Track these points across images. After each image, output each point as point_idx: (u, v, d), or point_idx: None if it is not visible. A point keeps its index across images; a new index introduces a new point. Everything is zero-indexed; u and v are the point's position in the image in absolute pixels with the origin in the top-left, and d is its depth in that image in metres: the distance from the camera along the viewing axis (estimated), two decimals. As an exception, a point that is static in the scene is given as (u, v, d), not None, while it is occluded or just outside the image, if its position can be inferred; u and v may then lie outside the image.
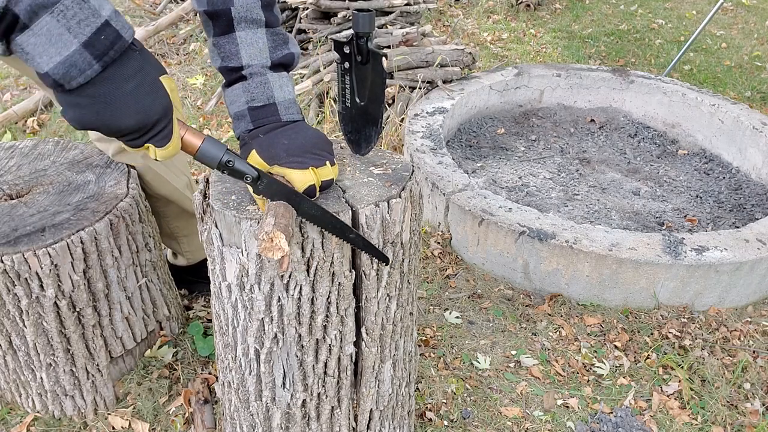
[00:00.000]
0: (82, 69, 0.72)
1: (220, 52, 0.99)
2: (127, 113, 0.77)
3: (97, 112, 0.76)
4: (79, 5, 0.70)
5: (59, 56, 0.71)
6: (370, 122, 1.11)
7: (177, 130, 0.84)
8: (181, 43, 4.24)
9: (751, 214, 2.56)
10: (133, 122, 0.78)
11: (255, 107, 1.01)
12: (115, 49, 0.74)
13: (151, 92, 0.79)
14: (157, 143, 0.82)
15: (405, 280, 1.14)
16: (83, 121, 0.77)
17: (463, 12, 5.32)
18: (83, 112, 0.76)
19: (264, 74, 1.00)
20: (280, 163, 0.95)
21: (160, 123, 0.80)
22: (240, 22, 0.97)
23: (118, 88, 0.76)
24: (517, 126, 3.26)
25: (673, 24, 5.26)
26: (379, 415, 1.26)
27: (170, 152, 0.84)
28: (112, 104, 0.76)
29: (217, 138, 3.08)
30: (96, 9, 0.72)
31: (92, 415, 1.57)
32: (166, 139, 0.82)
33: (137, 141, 0.81)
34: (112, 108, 0.76)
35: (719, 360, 1.87)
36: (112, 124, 0.77)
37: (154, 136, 0.81)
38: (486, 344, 1.91)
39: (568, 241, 2.01)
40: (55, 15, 0.69)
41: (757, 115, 2.93)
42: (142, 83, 0.77)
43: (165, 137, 0.82)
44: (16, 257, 1.29)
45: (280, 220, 0.84)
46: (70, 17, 0.70)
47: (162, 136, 0.82)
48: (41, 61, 0.71)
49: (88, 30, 0.71)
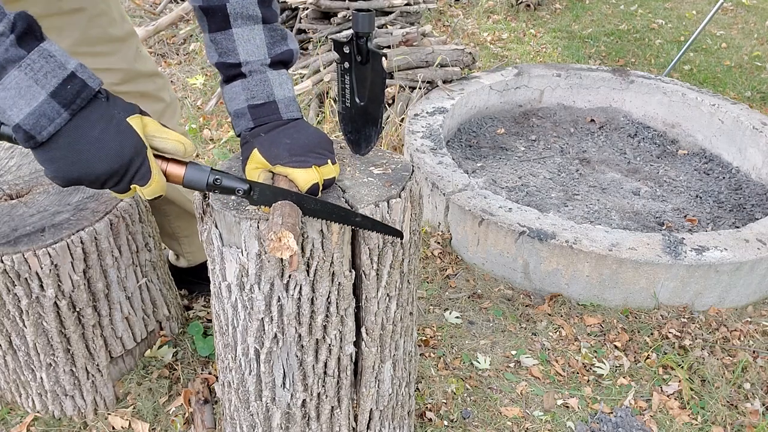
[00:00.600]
0: (51, 118, 0.75)
1: (217, 47, 0.98)
2: (98, 159, 0.78)
3: (71, 163, 0.78)
4: (45, 59, 0.74)
5: (29, 107, 0.74)
6: (370, 122, 1.11)
7: (155, 166, 0.84)
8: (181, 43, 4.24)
9: (751, 214, 2.56)
10: (107, 167, 0.79)
11: (255, 105, 1.00)
12: (82, 97, 0.77)
13: (118, 134, 0.79)
14: (139, 182, 0.83)
15: (405, 280, 1.14)
16: (63, 175, 0.79)
17: (463, 12, 5.32)
18: (59, 165, 0.78)
19: (263, 72, 0.99)
20: (282, 162, 0.95)
21: (134, 163, 0.81)
22: (236, 18, 0.96)
23: (85, 135, 0.77)
24: (517, 126, 3.26)
25: (673, 24, 5.26)
26: (379, 415, 1.26)
27: (156, 188, 0.85)
28: (82, 153, 0.77)
29: (217, 138, 3.08)
30: (62, 62, 0.75)
31: (92, 415, 1.57)
32: (146, 177, 0.83)
33: (120, 186, 0.82)
34: (84, 156, 0.78)
35: (719, 360, 1.87)
36: (88, 172, 0.79)
37: (133, 176, 0.82)
38: (486, 344, 1.91)
39: (568, 241, 2.01)
40: (23, 69, 0.73)
41: (757, 115, 2.93)
42: (108, 128, 0.79)
43: (144, 176, 0.83)
44: (16, 257, 1.29)
45: (287, 220, 0.84)
46: (37, 70, 0.73)
47: (140, 175, 0.82)
48: (12, 113, 0.73)
49: (54, 81, 0.74)
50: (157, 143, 0.85)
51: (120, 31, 1.42)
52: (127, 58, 1.44)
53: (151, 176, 0.83)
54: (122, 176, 0.81)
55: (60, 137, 0.77)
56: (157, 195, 0.86)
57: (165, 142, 0.85)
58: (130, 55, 1.45)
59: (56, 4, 1.28)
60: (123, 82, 1.45)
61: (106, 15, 1.38)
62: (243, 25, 0.97)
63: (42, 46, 0.75)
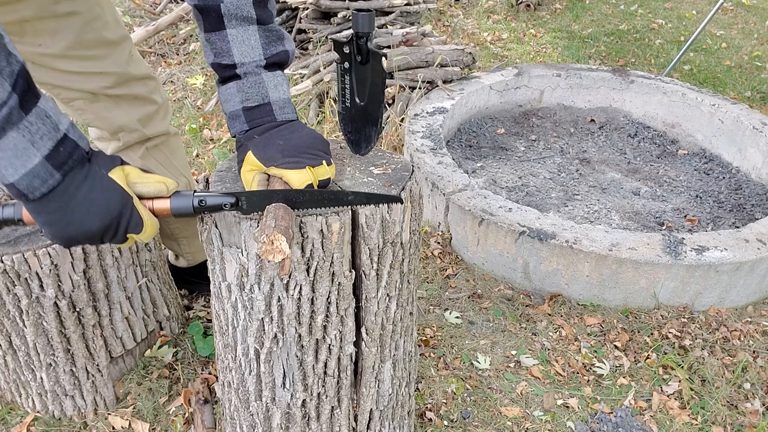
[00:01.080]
0: (44, 179, 0.77)
1: (212, 48, 0.98)
2: (90, 217, 0.81)
3: (67, 224, 0.81)
4: (42, 121, 0.75)
5: (24, 168, 0.75)
6: (370, 122, 1.11)
7: (144, 211, 0.86)
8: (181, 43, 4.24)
9: (751, 214, 2.56)
10: (99, 223, 0.82)
11: (249, 107, 1.00)
12: (74, 159, 0.79)
13: (103, 191, 0.82)
14: (134, 231, 0.85)
15: (405, 280, 1.14)
16: (61, 236, 0.82)
17: (463, 12, 5.32)
18: (56, 228, 0.81)
19: (258, 74, 0.99)
20: (276, 164, 0.95)
21: (123, 215, 0.83)
22: (230, 19, 0.95)
23: (73, 197, 0.80)
24: (517, 126, 3.26)
25: (673, 24, 5.26)
26: (379, 415, 1.26)
27: (150, 232, 0.87)
28: (74, 213, 0.80)
29: (217, 138, 3.08)
30: (56, 123, 0.77)
31: (92, 415, 1.57)
32: (139, 225, 0.85)
33: (117, 237, 0.85)
34: (76, 217, 0.80)
35: (719, 360, 1.87)
36: (83, 230, 0.82)
37: (126, 227, 0.84)
38: (486, 344, 1.91)
39: (568, 241, 2.01)
40: (21, 131, 0.74)
41: (757, 115, 2.93)
42: (93, 186, 0.81)
43: (136, 224, 0.85)
44: (16, 257, 1.29)
45: (280, 222, 0.84)
46: (34, 132, 0.75)
47: (133, 224, 0.85)
48: (7, 173, 0.75)
49: (49, 144, 0.76)
50: (140, 188, 0.87)
51: (114, 35, 1.43)
52: (119, 61, 1.44)
53: (143, 222, 0.86)
54: (116, 229, 0.84)
55: (51, 199, 0.79)
56: (153, 236, 0.89)
57: (147, 187, 0.87)
58: (122, 59, 1.45)
59: (50, 8, 1.28)
60: (116, 86, 1.45)
61: (101, 19, 1.38)
62: (237, 26, 0.96)
63: (39, 105, 0.76)
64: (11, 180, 0.75)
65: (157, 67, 3.95)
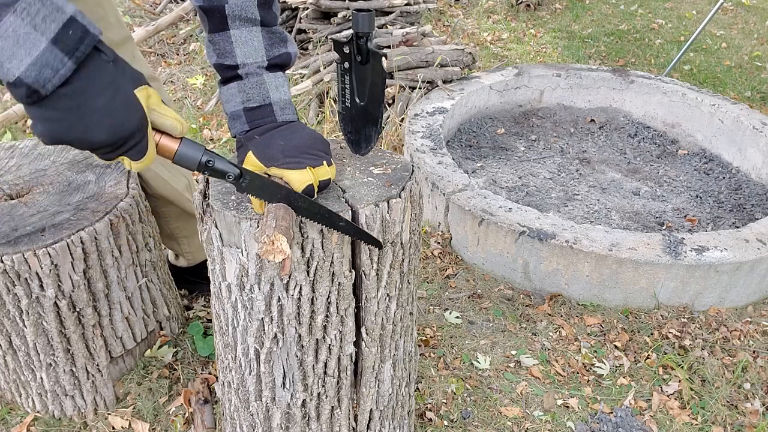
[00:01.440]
0: (56, 68, 0.68)
1: (215, 48, 0.98)
2: (99, 128, 0.74)
3: (69, 126, 0.72)
4: (41, 1, 0.66)
5: (30, 57, 0.66)
6: (370, 122, 1.11)
7: (152, 142, 0.82)
8: (181, 43, 4.24)
9: (751, 214, 2.56)
10: (105, 137, 0.75)
11: (250, 108, 1.00)
12: (86, 44, 0.70)
13: (125, 107, 0.75)
14: (132, 156, 0.80)
15: (405, 280, 1.14)
16: (54, 135, 0.73)
17: (463, 12, 5.32)
18: (54, 126, 0.72)
19: (260, 74, 1.00)
20: (276, 164, 0.95)
21: (134, 137, 0.77)
22: (234, 20, 0.96)
23: (90, 100, 0.72)
24: (517, 126, 3.26)
25: (673, 24, 5.26)
26: (379, 415, 1.26)
27: (145, 164, 0.82)
28: (84, 118, 0.72)
29: (216, 138, 3.08)
30: (59, 5, 0.68)
31: (92, 415, 1.57)
32: (141, 153, 0.80)
33: (110, 155, 0.79)
34: (84, 122, 0.73)
35: (719, 360, 1.87)
36: (84, 138, 0.74)
37: (128, 150, 0.78)
38: (486, 344, 1.91)
39: (568, 241, 2.01)
40: (18, 13, 0.65)
41: (757, 115, 2.93)
42: (115, 97, 0.74)
43: (140, 151, 0.79)
44: (16, 257, 1.29)
45: (281, 223, 0.84)
46: (34, 14, 0.66)
47: (137, 150, 0.79)
48: (11, 66, 0.66)
49: (54, 26, 0.67)
50: (156, 117, 0.82)
51: (116, 35, 1.43)
52: None
53: (146, 153, 0.80)
54: (117, 148, 0.77)
55: (64, 95, 0.70)
56: (141, 169, 0.84)
57: (163, 119, 0.83)
58: (125, 60, 1.45)
59: None
60: None
61: (103, 20, 1.38)
62: (241, 26, 0.97)
63: None
64: (17, 73, 0.66)
65: (157, 67, 3.95)
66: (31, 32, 0.66)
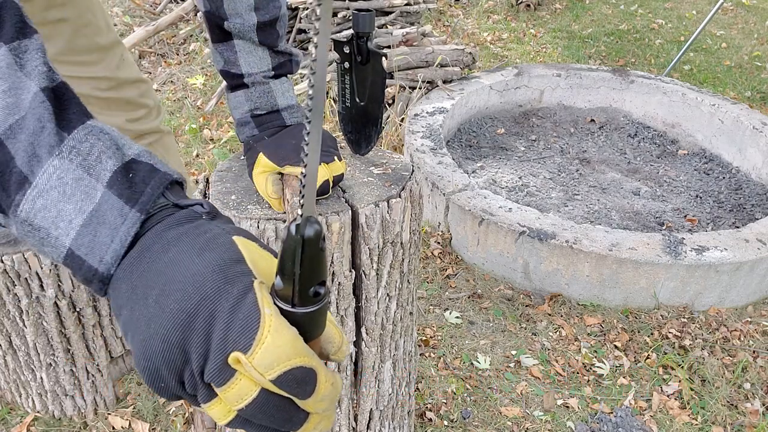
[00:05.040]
0: (114, 225, 0.43)
1: (221, 56, 0.99)
2: (164, 296, 0.41)
3: (138, 316, 0.42)
4: (96, 136, 0.45)
5: (81, 215, 0.43)
6: (370, 122, 1.11)
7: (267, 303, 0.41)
8: (181, 43, 4.24)
9: (751, 214, 2.56)
10: (176, 306, 0.41)
11: (258, 115, 1.02)
12: (152, 186, 0.45)
13: (206, 249, 0.43)
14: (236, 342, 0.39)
15: (405, 280, 1.14)
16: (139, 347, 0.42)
17: (463, 12, 5.32)
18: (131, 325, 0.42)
19: (266, 83, 1.00)
20: (291, 162, 0.95)
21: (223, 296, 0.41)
22: (236, 35, 0.96)
23: (156, 258, 0.43)
24: (517, 126, 3.26)
25: (673, 24, 5.26)
26: (379, 415, 1.26)
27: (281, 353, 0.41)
28: (150, 289, 0.42)
29: (217, 138, 3.08)
30: (116, 141, 0.46)
31: (92, 415, 1.57)
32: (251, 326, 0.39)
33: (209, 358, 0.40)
34: (151, 296, 0.42)
35: (719, 360, 1.87)
36: (157, 326, 0.41)
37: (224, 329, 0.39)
38: (486, 344, 1.91)
39: (568, 241, 2.01)
40: (65, 154, 0.43)
41: (757, 115, 2.93)
42: (193, 245, 0.43)
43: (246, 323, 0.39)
44: (16, 257, 1.29)
45: None
46: (86, 153, 0.44)
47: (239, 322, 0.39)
48: (59, 232, 0.43)
49: (111, 164, 0.44)
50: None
51: (105, 40, 1.43)
52: (110, 66, 1.45)
53: (261, 322, 0.39)
54: (204, 331, 0.40)
55: (129, 269, 0.43)
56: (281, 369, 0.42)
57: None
58: (113, 64, 1.46)
59: (41, 14, 1.28)
60: (108, 89, 1.46)
61: (93, 25, 1.39)
62: (244, 39, 0.97)
63: (90, 123, 0.46)
64: (68, 243, 0.43)
65: (157, 67, 3.95)
66: (83, 177, 0.44)
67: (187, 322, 0.40)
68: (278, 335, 0.39)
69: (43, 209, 0.43)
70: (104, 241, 0.43)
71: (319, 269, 0.40)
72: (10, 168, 0.43)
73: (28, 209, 0.43)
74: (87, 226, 0.43)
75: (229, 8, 0.92)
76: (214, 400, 0.41)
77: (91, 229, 0.43)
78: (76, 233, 0.43)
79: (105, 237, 0.43)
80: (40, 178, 0.43)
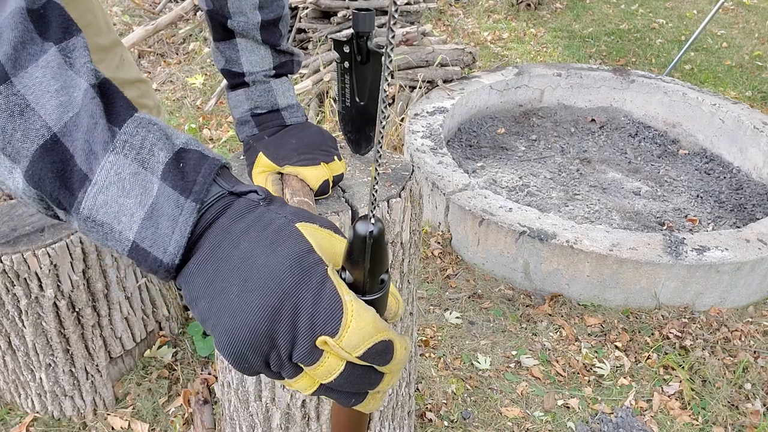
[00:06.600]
0: (173, 216, 0.45)
1: (222, 55, 0.99)
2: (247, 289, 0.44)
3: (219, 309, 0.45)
4: (146, 128, 0.46)
5: (142, 209, 0.45)
6: (370, 122, 1.11)
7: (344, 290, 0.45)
8: (181, 43, 4.24)
9: (752, 214, 2.55)
10: (261, 300, 0.43)
11: (258, 114, 1.01)
12: (203, 174, 0.46)
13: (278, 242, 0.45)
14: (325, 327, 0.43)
15: (405, 280, 1.14)
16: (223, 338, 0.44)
17: (463, 11, 5.32)
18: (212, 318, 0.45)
19: (267, 82, 1.00)
20: (291, 162, 0.95)
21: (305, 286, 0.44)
22: (238, 34, 0.96)
23: (227, 254, 0.45)
24: (517, 126, 3.26)
25: (673, 23, 5.25)
26: (379, 415, 1.25)
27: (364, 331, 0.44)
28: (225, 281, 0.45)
29: (217, 138, 3.07)
30: (165, 132, 0.47)
31: (91, 415, 1.57)
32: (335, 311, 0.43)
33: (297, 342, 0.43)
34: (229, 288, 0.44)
35: (720, 360, 1.87)
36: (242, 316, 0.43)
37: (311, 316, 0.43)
38: (486, 344, 1.91)
39: (568, 241, 2.01)
40: (119, 149, 0.44)
41: (757, 115, 2.92)
42: (261, 237, 0.45)
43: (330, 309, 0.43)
44: (16, 257, 1.29)
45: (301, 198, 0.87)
46: (139, 146, 0.45)
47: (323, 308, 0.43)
48: (122, 227, 0.45)
49: (163, 155, 0.46)
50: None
51: (105, 40, 1.43)
52: (110, 66, 1.45)
53: (343, 307, 0.43)
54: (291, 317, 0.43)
55: (197, 263, 0.46)
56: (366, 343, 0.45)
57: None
58: (113, 64, 1.46)
59: None
60: None
61: (93, 25, 1.39)
62: (246, 38, 0.97)
63: (137, 115, 0.47)
64: (132, 236, 0.45)
65: (157, 67, 3.95)
66: (139, 171, 0.45)
67: (273, 315, 0.43)
68: (361, 318, 0.43)
69: (105, 205, 0.45)
70: (166, 233, 0.45)
71: (385, 260, 0.45)
72: (71, 167, 0.44)
73: (90, 206, 0.45)
74: (149, 219, 0.45)
75: (234, 6, 0.92)
76: (299, 376, 0.46)
77: (152, 222, 0.45)
78: (139, 227, 0.45)
79: (166, 229, 0.45)
80: (98, 174, 0.44)
